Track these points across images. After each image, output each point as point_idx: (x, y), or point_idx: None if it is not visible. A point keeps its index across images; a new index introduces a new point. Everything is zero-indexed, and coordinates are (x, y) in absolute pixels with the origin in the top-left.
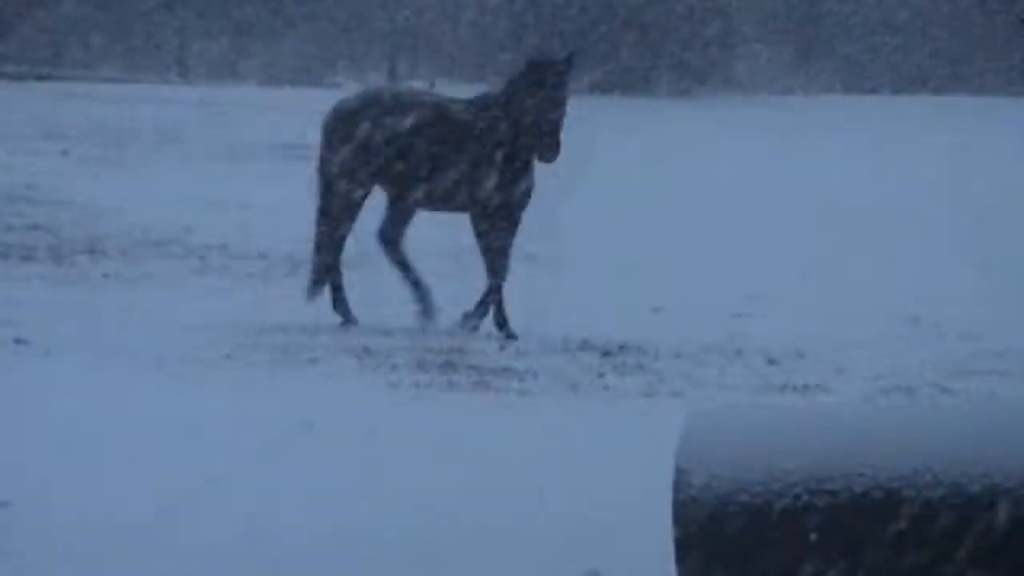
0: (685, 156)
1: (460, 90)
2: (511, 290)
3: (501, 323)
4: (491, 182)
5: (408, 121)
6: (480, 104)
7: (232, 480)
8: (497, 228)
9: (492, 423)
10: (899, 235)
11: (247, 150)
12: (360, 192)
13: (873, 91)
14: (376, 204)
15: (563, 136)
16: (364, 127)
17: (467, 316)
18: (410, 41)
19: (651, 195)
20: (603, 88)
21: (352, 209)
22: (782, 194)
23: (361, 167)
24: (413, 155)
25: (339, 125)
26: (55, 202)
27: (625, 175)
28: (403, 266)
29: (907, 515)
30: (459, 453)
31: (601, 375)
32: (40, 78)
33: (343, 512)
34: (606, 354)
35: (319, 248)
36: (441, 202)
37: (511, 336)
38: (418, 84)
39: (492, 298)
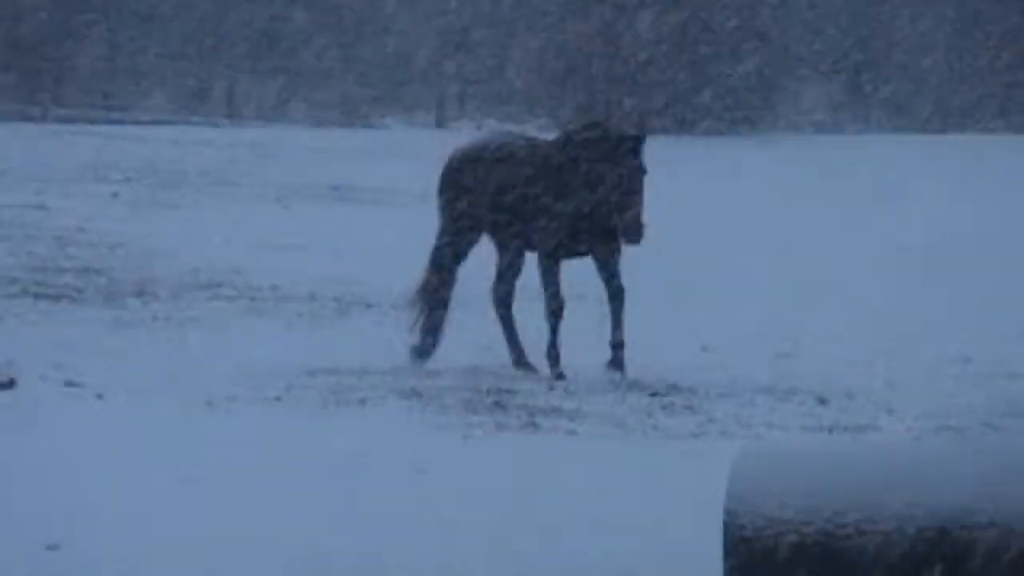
0: (734, 194)
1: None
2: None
3: (554, 360)
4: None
5: (514, 169)
6: (564, 150)
7: (281, 521)
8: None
9: (540, 464)
10: (950, 274)
11: (296, 191)
12: (467, 241)
13: (922, 129)
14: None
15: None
16: (472, 177)
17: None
18: (458, 82)
19: (699, 233)
20: (651, 125)
21: (458, 258)
22: (832, 232)
23: (469, 216)
24: (519, 203)
25: (450, 175)
26: (106, 244)
27: (673, 213)
28: (507, 324)
29: (958, 553)
30: (507, 494)
31: (650, 415)
32: (91, 121)
33: (390, 553)
34: (655, 394)
35: (426, 295)
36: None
37: (560, 376)
38: (466, 125)
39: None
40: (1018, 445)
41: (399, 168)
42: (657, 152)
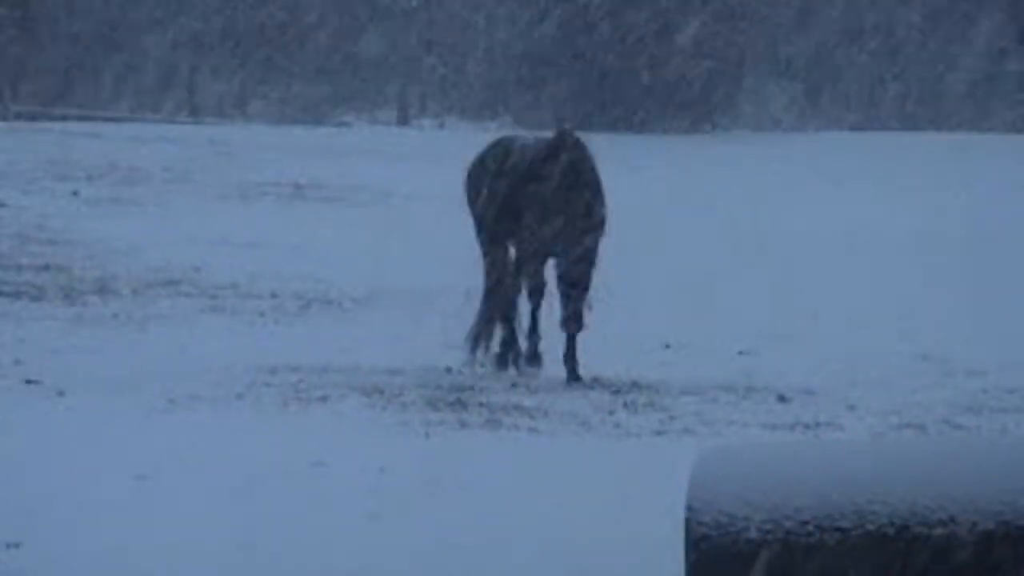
0: (694, 193)
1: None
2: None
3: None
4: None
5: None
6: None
7: (242, 517)
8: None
9: (502, 461)
10: (909, 272)
11: (256, 189)
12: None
13: (880, 128)
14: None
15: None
16: (487, 181)
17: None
18: (419, 80)
19: (660, 232)
20: (611, 125)
21: (501, 262)
22: (791, 231)
23: (485, 219)
24: (519, 206)
25: (468, 181)
26: (66, 242)
27: (635, 213)
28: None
29: (918, 551)
30: (469, 491)
31: (612, 413)
32: (51, 118)
33: (352, 550)
34: (617, 392)
35: (491, 308)
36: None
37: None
38: (428, 123)
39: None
40: (977, 442)
41: (361, 166)
42: (619, 150)
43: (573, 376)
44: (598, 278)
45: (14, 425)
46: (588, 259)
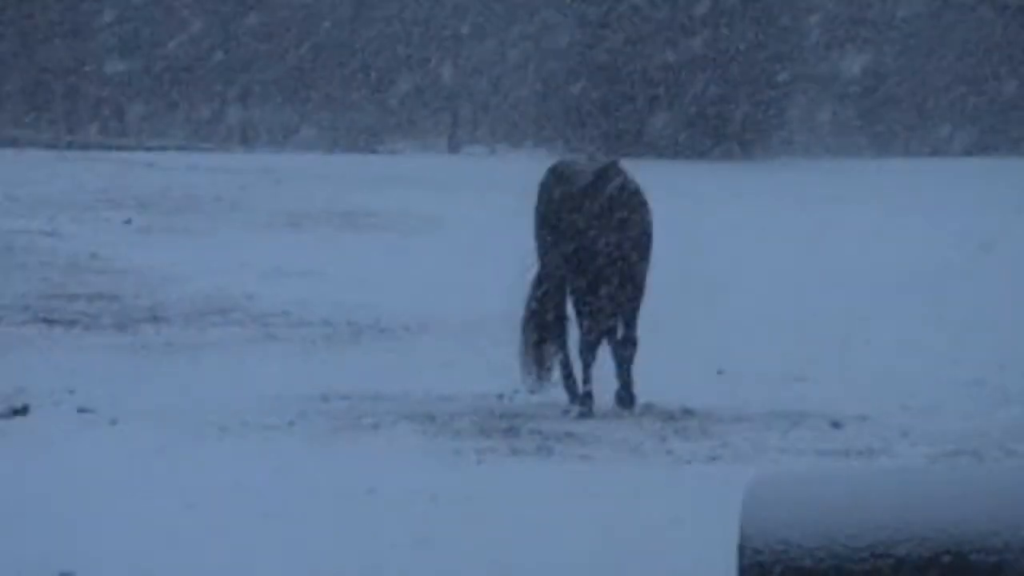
0: (747, 220)
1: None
2: (574, 355)
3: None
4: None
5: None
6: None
7: (293, 544)
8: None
9: (555, 489)
10: (961, 298)
11: (308, 217)
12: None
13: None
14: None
15: None
16: (540, 208)
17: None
18: (469, 108)
19: (713, 257)
20: (660, 151)
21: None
22: (846, 257)
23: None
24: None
25: (538, 202)
26: (119, 271)
27: (685, 239)
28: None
29: None
30: (522, 520)
31: (664, 439)
32: (104, 147)
33: None
34: (669, 418)
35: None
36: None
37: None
38: (478, 150)
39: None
40: None
41: (411, 194)
42: (672, 176)
43: (627, 401)
44: (646, 305)
45: (67, 454)
46: (637, 285)
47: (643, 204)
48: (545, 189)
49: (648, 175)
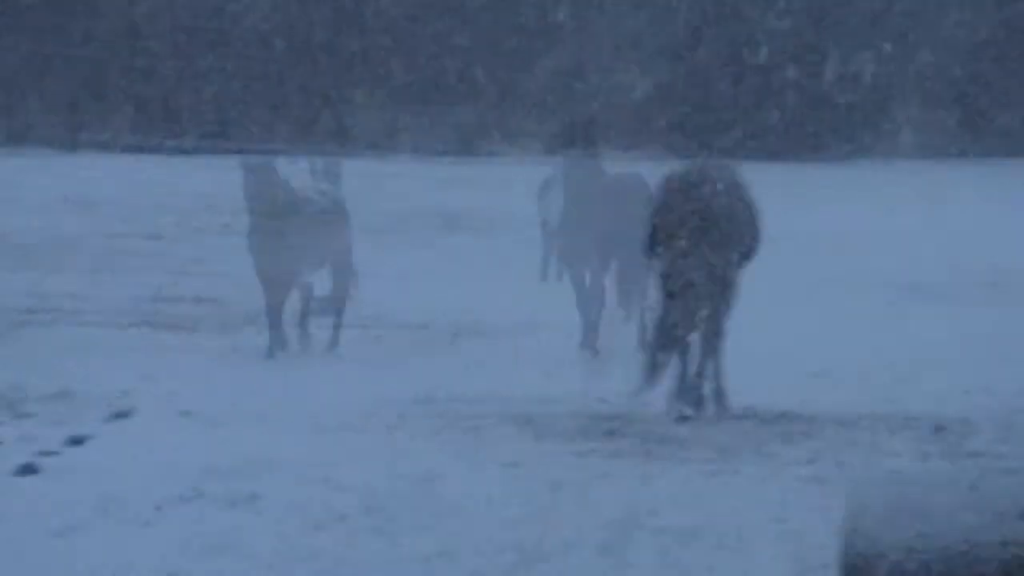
0: (843, 221)
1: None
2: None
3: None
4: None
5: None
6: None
7: (394, 547)
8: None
9: (654, 492)
10: None
11: (404, 220)
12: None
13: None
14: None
15: None
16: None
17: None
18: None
19: (810, 259)
20: (758, 155)
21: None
22: (943, 258)
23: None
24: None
25: (656, 212)
26: (219, 274)
27: (785, 243)
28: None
29: None
30: (623, 521)
31: (763, 443)
32: (205, 152)
33: None
34: (767, 421)
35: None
36: None
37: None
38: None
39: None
40: None
41: (510, 197)
42: (766, 182)
43: (722, 404)
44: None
45: (168, 458)
46: (730, 284)
47: (757, 211)
48: (667, 197)
49: (753, 176)
